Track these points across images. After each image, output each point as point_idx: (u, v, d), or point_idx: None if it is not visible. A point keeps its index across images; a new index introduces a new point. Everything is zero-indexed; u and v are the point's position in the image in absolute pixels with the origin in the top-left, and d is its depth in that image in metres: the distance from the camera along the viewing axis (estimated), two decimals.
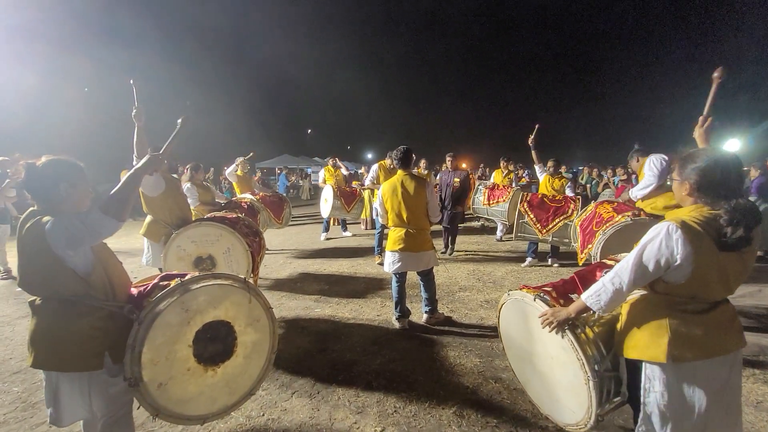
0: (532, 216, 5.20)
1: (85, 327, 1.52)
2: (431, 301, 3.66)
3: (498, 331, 2.27)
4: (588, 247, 3.64)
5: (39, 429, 2.27)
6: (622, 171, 10.20)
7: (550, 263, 5.71)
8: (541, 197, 5.36)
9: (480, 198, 6.62)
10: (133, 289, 1.79)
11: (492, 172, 9.50)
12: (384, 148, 10.88)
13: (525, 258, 5.80)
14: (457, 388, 2.64)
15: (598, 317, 1.71)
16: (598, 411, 1.60)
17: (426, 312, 3.68)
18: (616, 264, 1.54)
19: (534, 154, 5.69)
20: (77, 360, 1.51)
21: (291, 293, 4.63)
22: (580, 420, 1.71)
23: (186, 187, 4.63)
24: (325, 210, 7.06)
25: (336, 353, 3.14)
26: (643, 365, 1.47)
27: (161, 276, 1.90)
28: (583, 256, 3.75)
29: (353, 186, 7.71)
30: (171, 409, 1.67)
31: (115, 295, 1.62)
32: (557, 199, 5.25)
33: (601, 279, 1.53)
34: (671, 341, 1.38)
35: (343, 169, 8.12)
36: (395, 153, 3.57)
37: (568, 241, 5.01)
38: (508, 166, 7.73)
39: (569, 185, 5.69)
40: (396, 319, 3.62)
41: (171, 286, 1.70)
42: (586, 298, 1.56)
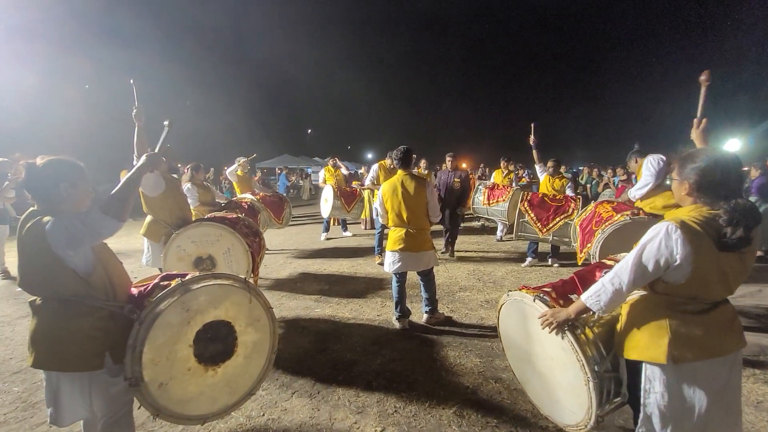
0: (532, 215, 5.20)
1: (86, 327, 1.52)
2: (431, 301, 3.66)
3: (497, 332, 2.27)
4: (587, 246, 3.65)
5: (39, 429, 2.27)
6: (622, 171, 10.20)
7: (550, 263, 5.72)
8: (542, 196, 5.36)
9: (480, 198, 6.62)
10: (134, 289, 1.79)
11: (492, 172, 9.49)
12: (384, 148, 10.90)
13: (525, 258, 5.80)
14: (458, 388, 2.64)
15: (597, 318, 1.70)
16: (598, 412, 1.60)
17: (426, 312, 3.68)
18: (615, 264, 1.54)
19: (535, 153, 5.67)
20: (78, 360, 1.51)
21: (291, 293, 4.63)
22: (580, 421, 1.71)
23: (186, 188, 4.64)
24: (326, 210, 7.06)
25: (336, 353, 3.14)
26: (643, 366, 1.47)
27: (162, 276, 1.90)
28: (582, 255, 3.76)
29: (353, 186, 7.72)
30: (171, 409, 1.67)
31: (116, 295, 1.62)
32: (558, 199, 5.25)
33: (601, 279, 1.53)
34: (671, 342, 1.38)
35: (343, 169, 8.12)
36: (395, 153, 3.57)
37: (568, 240, 5.00)
38: (508, 166, 7.72)
39: (569, 185, 5.69)
40: (396, 319, 3.62)
41: (171, 286, 1.71)
42: (585, 298, 1.56)
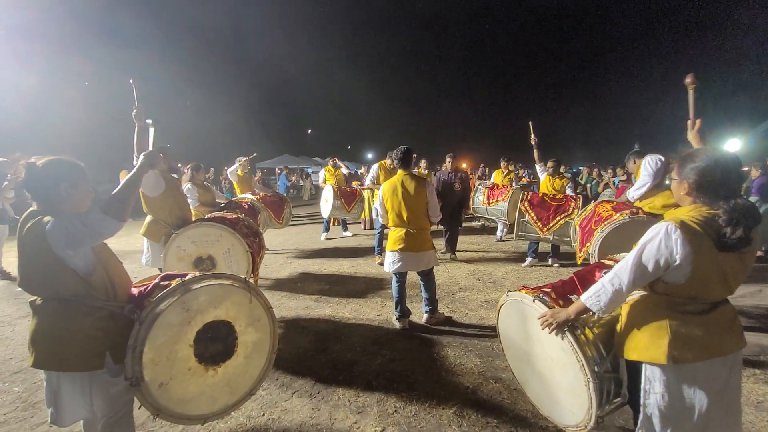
0: (532, 214, 5.20)
1: (86, 327, 1.52)
2: (431, 301, 3.66)
3: (497, 332, 2.27)
4: (586, 246, 3.64)
5: (39, 429, 2.27)
6: (622, 171, 10.21)
7: (550, 263, 5.71)
8: (542, 196, 5.36)
9: (480, 197, 6.63)
10: (134, 289, 1.79)
11: (492, 172, 9.50)
12: (384, 148, 10.89)
13: (525, 258, 5.80)
14: (458, 388, 2.64)
15: (597, 318, 1.70)
16: (598, 412, 1.60)
17: (426, 312, 3.68)
18: (615, 264, 1.54)
19: (535, 153, 5.64)
20: (78, 360, 1.51)
21: (291, 293, 4.63)
22: (580, 421, 1.70)
23: (186, 188, 4.63)
24: (326, 210, 7.06)
25: (336, 353, 3.14)
26: (644, 366, 1.47)
27: (162, 276, 1.90)
28: (582, 254, 3.76)
29: (353, 186, 7.72)
30: (172, 409, 1.67)
31: (116, 295, 1.62)
32: (558, 198, 5.25)
33: (601, 280, 1.53)
34: (671, 342, 1.38)
35: (344, 169, 8.12)
36: (395, 153, 3.57)
37: (568, 240, 5.00)
38: (508, 166, 7.73)
39: (569, 185, 5.69)
40: (396, 319, 3.62)
41: (172, 285, 1.71)
42: (585, 299, 1.55)
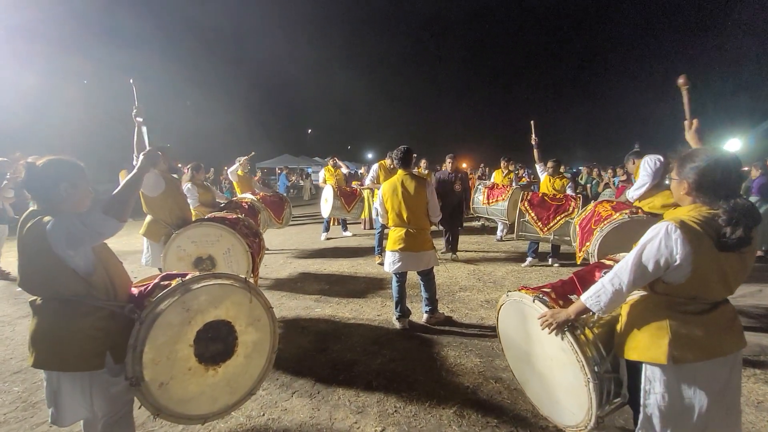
0: (533, 214, 5.20)
1: (87, 327, 1.52)
2: (431, 301, 3.66)
3: (497, 332, 2.27)
4: (586, 245, 3.64)
5: (39, 429, 2.27)
6: (622, 171, 10.21)
7: (550, 263, 5.71)
8: (542, 196, 5.36)
9: (479, 197, 6.63)
10: (134, 289, 1.79)
11: (492, 172, 9.50)
12: (384, 148, 10.91)
13: (525, 258, 5.80)
14: (458, 388, 2.64)
15: (597, 318, 1.70)
16: (598, 413, 1.60)
17: (426, 312, 3.68)
18: (615, 264, 1.53)
19: (536, 153, 5.62)
20: (79, 360, 1.51)
21: (291, 293, 4.63)
22: (580, 422, 1.70)
23: (186, 188, 4.63)
24: (326, 210, 7.06)
25: (336, 353, 3.14)
26: (644, 366, 1.47)
27: (162, 276, 1.90)
28: (581, 254, 3.76)
29: (353, 186, 7.72)
30: (172, 409, 1.67)
31: (117, 295, 1.62)
32: (558, 198, 5.25)
33: (601, 280, 1.52)
34: (672, 342, 1.38)
35: (344, 168, 8.12)
36: (395, 153, 3.57)
37: (569, 239, 5.00)
38: (508, 166, 7.73)
39: (569, 185, 5.69)
40: (396, 319, 3.62)
41: (172, 285, 1.70)
42: (585, 299, 1.55)
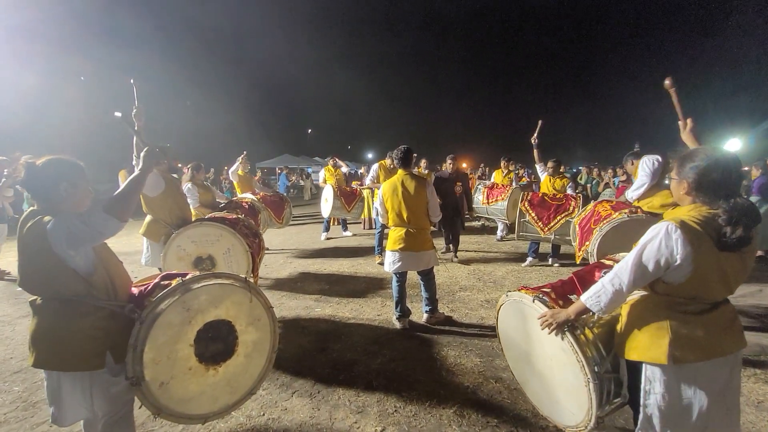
0: (533, 214, 5.21)
1: (87, 327, 1.52)
2: (431, 301, 3.67)
3: (496, 332, 2.27)
4: (585, 245, 3.64)
5: (39, 428, 2.27)
6: (621, 171, 10.20)
7: (550, 263, 5.71)
8: (542, 195, 5.37)
9: (479, 197, 6.63)
10: (134, 289, 1.79)
11: (492, 172, 9.50)
12: (384, 148, 10.92)
13: (525, 258, 5.80)
14: (458, 387, 2.64)
15: (597, 318, 1.70)
16: (598, 413, 1.60)
17: (426, 312, 3.68)
18: (615, 264, 1.53)
19: (536, 153, 5.61)
20: (79, 360, 1.51)
21: (291, 293, 4.63)
22: (580, 422, 1.70)
23: (186, 188, 4.63)
24: (326, 210, 7.07)
25: (336, 353, 3.14)
26: (644, 367, 1.47)
27: (162, 275, 1.90)
28: (581, 254, 3.76)
29: (353, 186, 7.72)
30: (172, 408, 1.67)
31: (117, 295, 1.62)
32: (558, 197, 5.26)
33: (601, 280, 1.52)
34: (672, 342, 1.38)
35: (344, 168, 8.11)
36: (395, 152, 3.57)
37: (569, 239, 5.00)
38: (508, 165, 7.72)
39: (570, 185, 5.69)
40: (396, 319, 3.62)
41: (172, 285, 1.71)
42: (585, 299, 1.55)
